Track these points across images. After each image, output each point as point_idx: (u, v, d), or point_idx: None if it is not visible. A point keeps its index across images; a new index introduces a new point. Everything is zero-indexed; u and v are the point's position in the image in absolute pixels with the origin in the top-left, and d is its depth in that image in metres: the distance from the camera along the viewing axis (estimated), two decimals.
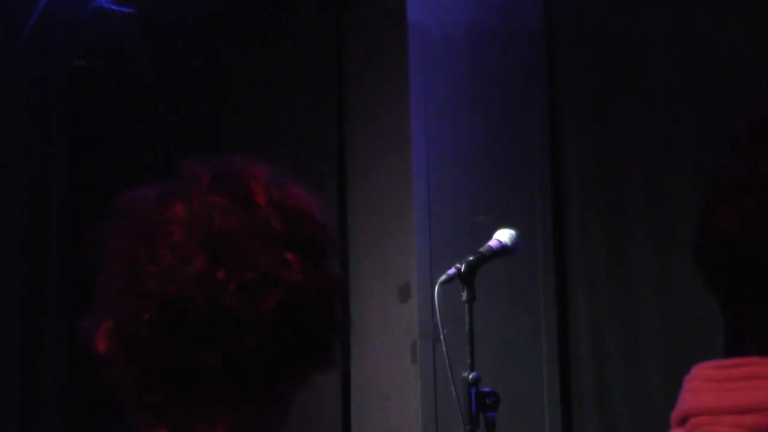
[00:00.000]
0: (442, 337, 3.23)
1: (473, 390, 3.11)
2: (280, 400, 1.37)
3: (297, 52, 5.29)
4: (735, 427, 1.10)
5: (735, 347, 1.17)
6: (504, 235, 3.29)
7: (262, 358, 1.31)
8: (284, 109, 5.33)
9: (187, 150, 5.16)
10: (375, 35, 4.89)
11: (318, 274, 1.35)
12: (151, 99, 5.49)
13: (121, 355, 1.33)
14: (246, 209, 1.33)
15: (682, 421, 1.16)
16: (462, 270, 3.17)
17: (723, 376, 1.14)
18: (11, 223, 5.35)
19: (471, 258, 3.20)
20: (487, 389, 3.13)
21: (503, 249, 3.28)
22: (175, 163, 1.39)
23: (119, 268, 1.34)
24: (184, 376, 1.31)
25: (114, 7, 5.17)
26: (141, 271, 1.31)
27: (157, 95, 5.48)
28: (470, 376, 3.13)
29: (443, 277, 3.20)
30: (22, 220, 5.37)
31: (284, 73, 5.34)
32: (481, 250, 3.25)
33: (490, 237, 3.31)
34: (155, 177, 1.40)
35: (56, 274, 5.37)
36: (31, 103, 5.43)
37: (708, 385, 1.15)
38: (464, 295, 3.19)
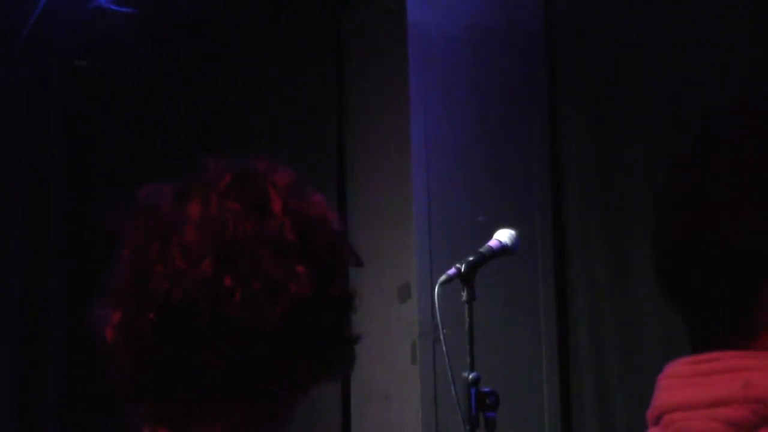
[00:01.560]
0: (442, 337, 3.23)
1: (473, 390, 3.11)
2: (281, 405, 1.37)
3: (297, 53, 5.29)
4: (708, 420, 1.12)
5: (702, 344, 1.19)
6: (504, 235, 3.29)
7: (263, 364, 1.30)
8: (284, 109, 5.33)
9: (187, 150, 5.16)
10: (375, 35, 4.90)
11: (328, 287, 1.34)
12: (151, 99, 5.49)
13: (124, 350, 1.33)
14: (261, 217, 1.32)
15: (657, 419, 1.18)
16: (462, 270, 3.17)
17: (694, 371, 1.16)
18: (11, 223, 5.35)
19: (471, 258, 3.20)
20: (487, 389, 3.13)
21: (503, 249, 3.28)
22: (175, 162, 1.39)
23: (130, 262, 1.33)
24: (184, 376, 1.31)
25: (114, 7, 5.17)
26: (150, 270, 1.31)
27: (157, 95, 5.48)
28: (470, 376, 3.13)
29: (443, 277, 3.20)
30: (22, 220, 5.37)
31: (284, 73, 5.34)
32: (481, 250, 3.25)
33: (490, 237, 3.31)
34: (155, 177, 1.40)
35: (56, 274, 5.37)
36: (31, 103, 5.43)
37: (680, 382, 1.17)
38: (464, 295, 3.19)
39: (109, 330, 1.34)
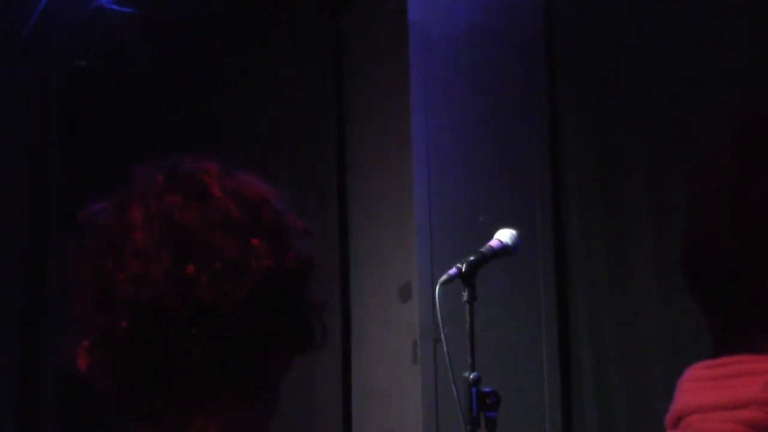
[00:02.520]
0: (442, 337, 3.23)
1: (474, 390, 3.11)
2: (268, 388, 1.37)
3: (297, 52, 5.29)
4: (728, 422, 1.12)
5: (723, 347, 1.19)
6: (505, 235, 3.28)
7: (243, 347, 1.31)
8: (284, 109, 5.33)
9: (187, 150, 5.15)
10: (375, 35, 4.89)
11: (286, 256, 1.35)
12: (151, 99, 5.49)
13: (104, 370, 1.33)
14: (203, 203, 1.34)
15: (676, 422, 1.18)
16: (463, 270, 3.17)
17: (713, 375, 1.16)
18: (11, 223, 5.35)
19: (472, 258, 3.20)
20: (487, 389, 3.13)
21: (504, 249, 3.27)
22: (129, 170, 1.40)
23: (89, 282, 1.34)
24: (170, 377, 1.31)
25: (114, 7, 5.17)
26: (111, 281, 1.31)
27: (157, 95, 5.48)
28: (471, 376, 3.13)
29: (444, 277, 3.20)
30: (22, 220, 5.37)
31: (284, 73, 5.33)
32: (482, 249, 3.25)
33: (490, 237, 3.31)
34: (124, 180, 1.41)
35: (56, 275, 5.37)
36: (31, 103, 5.43)
37: (699, 385, 1.17)
38: (465, 295, 3.19)
39: (82, 355, 1.34)
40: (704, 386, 1.17)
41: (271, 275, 1.32)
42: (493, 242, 3.27)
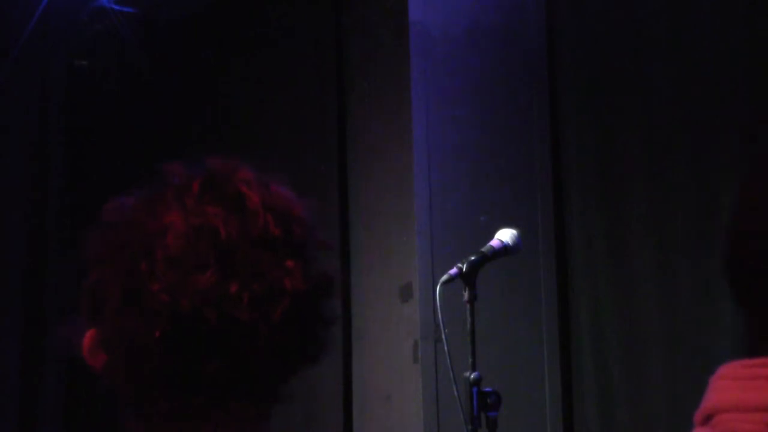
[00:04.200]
0: (443, 336, 3.24)
1: (475, 390, 3.11)
2: (276, 395, 1.37)
3: (297, 52, 5.29)
4: (756, 424, 1.11)
5: (760, 347, 1.18)
6: (506, 235, 3.29)
7: (267, 363, 1.31)
8: (284, 108, 5.33)
9: (187, 150, 5.16)
10: (376, 35, 4.89)
11: (312, 275, 1.34)
12: (151, 99, 5.49)
13: (124, 369, 1.31)
14: (243, 216, 1.31)
15: (706, 419, 1.17)
16: (464, 270, 3.18)
17: (749, 374, 1.15)
18: (11, 223, 5.35)
19: (473, 258, 3.20)
20: (488, 389, 3.13)
21: (505, 249, 3.28)
22: (158, 167, 1.36)
23: (117, 280, 1.30)
24: (190, 383, 1.30)
25: (114, 7, 5.17)
26: (143, 287, 1.28)
27: (157, 95, 5.48)
28: (472, 376, 3.13)
29: (445, 277, 3.21)
30: (22, 221, 5.37)
31: (284, 72, 5.33)
32: (483, 249, 3.26)
33: (491, 237, 3.31)
34: (154, 177, 1.38)
35: (56, 276, 5.37)
36: (31, 103, 5.43)
37: (733, 384, 1.16)
38: (466, 295, 3.19)
39: (94, 352, 1.32)
40: (739, 386, 1.16)
41: (301, 296, 1.31)
42: (494, 242, 3.28)
